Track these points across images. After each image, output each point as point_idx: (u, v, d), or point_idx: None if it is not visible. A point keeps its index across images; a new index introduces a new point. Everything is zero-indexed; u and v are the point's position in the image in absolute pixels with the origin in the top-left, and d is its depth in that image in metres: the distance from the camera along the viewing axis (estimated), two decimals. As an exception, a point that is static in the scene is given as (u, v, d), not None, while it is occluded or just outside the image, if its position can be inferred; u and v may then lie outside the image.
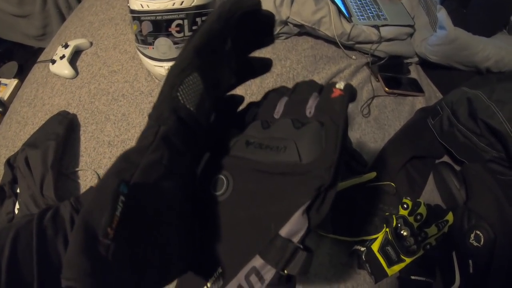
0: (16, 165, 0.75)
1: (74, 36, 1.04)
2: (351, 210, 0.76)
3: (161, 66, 0.83)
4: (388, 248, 0.71)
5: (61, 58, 0.94)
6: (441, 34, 1.01)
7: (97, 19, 1.08)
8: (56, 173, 0.74)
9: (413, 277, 0.72)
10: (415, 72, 1.14)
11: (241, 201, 0.27)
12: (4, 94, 1.13)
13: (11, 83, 1.17)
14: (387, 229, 0.72)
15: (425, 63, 1.13)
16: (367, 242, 0.74)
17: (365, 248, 0.73)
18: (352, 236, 0.74)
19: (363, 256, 0.72)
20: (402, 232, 0.72)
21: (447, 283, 0.73)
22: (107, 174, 0.21)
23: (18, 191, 0.74)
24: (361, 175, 0.78)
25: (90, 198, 0.19)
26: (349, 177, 0.78)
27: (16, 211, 0.72)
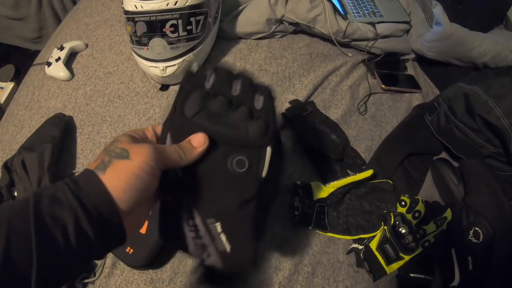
0: (13, 168, 0.75)
1: (70, 38, 1.04)
2: (348, 208, 0.76)
3: (156, 67, 0.83)
4: (387, 246, 0.71)
5: (56, 60, 0.94)
6: (437, 30, 1.00)
7: (92, 20, 1.08)
8: (53, 175, 0.74)
9: (412, 275, 0.71)
10: (412, 69, 1.13)
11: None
12: (1, 97, 1.13)
13: (8, 86, 1.17)
14: (385, 227, 0.72)
15: (422, 59, 1.13)
16: (365, 240, 0.73)
17: (363, 246, 0.73)
18: (350, 234, 0.74)
19: (362, 254, 0.72)
20: (400, 229, 0.72)
21: (446, 280, 0.73)
22: None
23: (15, 194, 0.74)
24: (358, 173, 0.78)
25: None
26: (345, 175, 0.78)
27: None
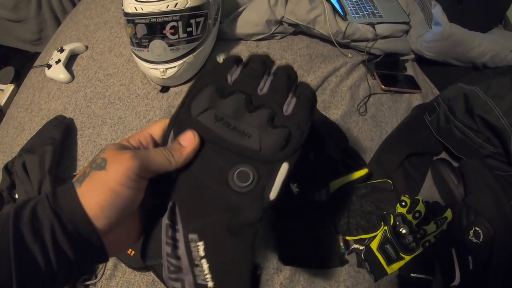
0: (13, 170, 0.75)
1: (70, 40, 1.04)
2: (349, 209, 0.76)
3: (156, 69, 0.83)
4: (387, 246, 0.71)
5: (56, 62, 0.94)
6: (437, 30, 1.00)
7: (92, 22, 1.08)
8: (54, 177, 0.74)
9: (413, 275, 0.72)
10: (411, 69, 1.14)
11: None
12: (1, 99, 1.13)
13: (8, 88, 1.17)
14: (386, 227, 0.72)
15: (421, 59, 1.13)
16: (366, 241, 0.74)
17: (364, 247, 0.73)
18: (350, 235, 0.74)
19: (362, 255, 0.72)
20: (400, 230, 0.72)
21: (447, 280, 0.73)
22: None
23: (16, 196, 0.74)
24: (353, 172, 0.78)
25: None
26: (340, 175, 0.78)
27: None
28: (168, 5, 0.75)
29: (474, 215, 0.75)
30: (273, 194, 0.28)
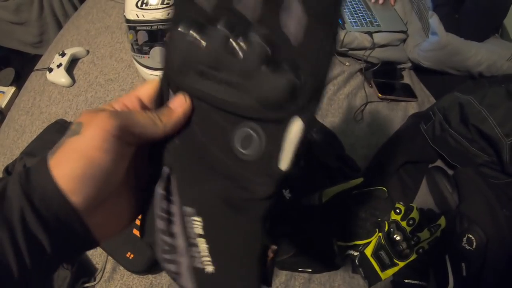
0: (14, 172, 0.76)
1: (71, 44, 1.05)
2: (343, 216, 0.77)
3: (157, 75, 0.84)
4: (381, 252, 0.72)
5: (58, 66, 0.95)
6: (433, 40, 1.02)
7: (94, 27, 1.09)
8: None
9: (406, 281, 0.73)
10: (408, 77, 1.15)
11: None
12: (2, 102, 1.14)
13: (9, 90, 1.18)
14: (380, 234, 0.74)
15: (418, 68, 1.14)
16: (360, 247, 0.75)
17: (358, 253, 0.74)
18: (345, 241, 0.76)
19: (357, 261, 0.73)
20: (395, 236, 0.73)
21: (440, 286, 0.74)
22: None
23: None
24: (348, 180, 0.79)
25: None
26: (336, 183, 0.79)
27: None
28: (169, 13, 0.77)
29: (467, 222, 0.76)
30: (284, 164, 0.21)
